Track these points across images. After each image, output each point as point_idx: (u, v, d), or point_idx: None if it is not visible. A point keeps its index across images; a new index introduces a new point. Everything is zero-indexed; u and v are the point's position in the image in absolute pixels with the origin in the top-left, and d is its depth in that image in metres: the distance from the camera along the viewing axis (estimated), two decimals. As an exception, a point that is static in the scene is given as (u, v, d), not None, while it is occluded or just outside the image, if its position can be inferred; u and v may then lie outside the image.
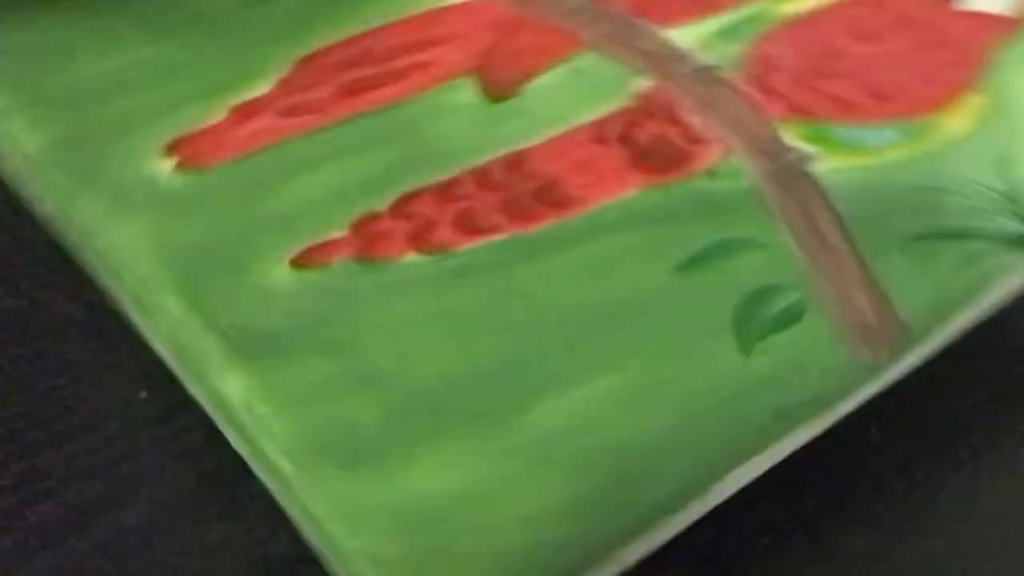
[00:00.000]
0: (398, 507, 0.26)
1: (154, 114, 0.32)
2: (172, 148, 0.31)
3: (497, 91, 0.34)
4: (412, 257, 0.30)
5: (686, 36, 0.36)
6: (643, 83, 0.35)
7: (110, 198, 0.30)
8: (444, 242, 0.31)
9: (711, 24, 0.37)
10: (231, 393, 0.28)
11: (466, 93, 0.34)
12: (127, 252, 0.29)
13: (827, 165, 0.33)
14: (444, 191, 0.32)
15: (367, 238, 0.31)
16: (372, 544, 0.25)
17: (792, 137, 0.34)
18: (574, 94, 0.34)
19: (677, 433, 0.28)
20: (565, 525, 0.26)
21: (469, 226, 0.31)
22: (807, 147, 0.33)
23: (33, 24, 0.34)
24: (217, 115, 0.32)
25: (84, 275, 0.31)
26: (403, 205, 0.32)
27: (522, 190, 0.32)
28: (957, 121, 0.35)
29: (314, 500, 0.26)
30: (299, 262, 0.30)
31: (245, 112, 0.33)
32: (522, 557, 0.25)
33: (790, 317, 0.30)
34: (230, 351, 0.28)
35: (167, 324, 0.29)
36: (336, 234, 0.31)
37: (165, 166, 0.30)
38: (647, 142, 0.33)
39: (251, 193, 0.31)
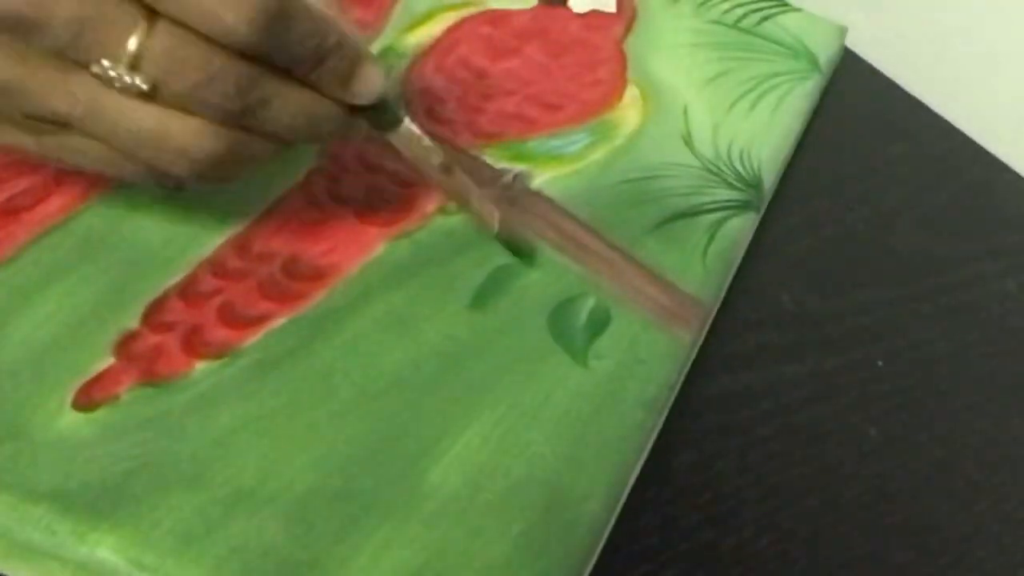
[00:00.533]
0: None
1: None
2: None
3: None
4: (201, 366, 0.42)
5: (331, 86, 0.58)
6: (320, 141, 0.50)
7: None
8: (222, 343, 0.43)
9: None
10: (106, 557, 0.37)
11: (139, 187, 0.46)
12: None
13: (542, 178, 0.53)
14: (187, 292, 0.45)
15: (142, 359, 0.42)
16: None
17: (496, 160, 0.53)
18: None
19: (574, 449, 0.44)
20: (530, 560, 0.41)
21: (238, 321, 0.44)
22: (516, 166, 0.53)
23: None
24: None
25: None
26: (155, 316, 0.43)
27: (268, 272, 0.46)
28: (627, 113, 0.58)
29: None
30: (82, 404, 0.40)
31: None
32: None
33: (600, 321, 0.48)
34: (77, 515, 0.37)
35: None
36: (102, 364, 0.41)
37: None
38: (364, 196, 0.50)
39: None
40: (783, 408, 0.52)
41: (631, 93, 0.60)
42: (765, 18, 0.67)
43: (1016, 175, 0.68)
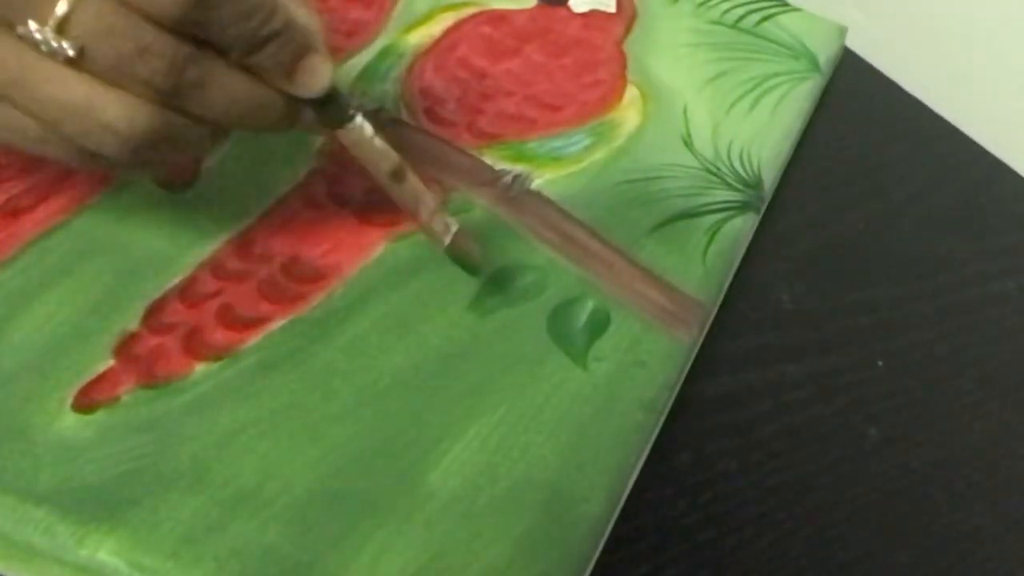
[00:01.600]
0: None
1: None
2: None
3: (172, 179, 0.49)
4: (201, 368, 0.43)
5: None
6: (320, 140, 0.52)
7: None
8: (222, 345, 0.44)
9: (346, 68, 0.56)
10: (106, 559, 0.37)
11: (139, 188, 0.48)
12: None
13: (543, 179, 0.53)
14: (188, 293, 0.45)
15: (142, 361, 0.42)
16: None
17: (496, 161, 0.54)
18: (257, 164, 0.50)
19: (574, 451, 0.44)
20: (531, 561, 0.41)
21: (238, 322, 0.44)
22: (516, 167, 0.54)
23: None
24: None
25: None
26: (155, 317, 0.44)
27: (268, 273, 0.46)
28: (627, 113, 0.58)
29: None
30: (82, 406, 0.41)
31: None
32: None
33: (599, 323, 0.48)
34: (77, 517, 0.38)
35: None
36: (103, 365, 0.42)
37: None
38: (364, 197, 0.50)
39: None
40: (783, 408, 0.52)
41: (631, 93, 0.60)
42: (765, 18, 0.67)
43: (1016, 175, 0.68)
